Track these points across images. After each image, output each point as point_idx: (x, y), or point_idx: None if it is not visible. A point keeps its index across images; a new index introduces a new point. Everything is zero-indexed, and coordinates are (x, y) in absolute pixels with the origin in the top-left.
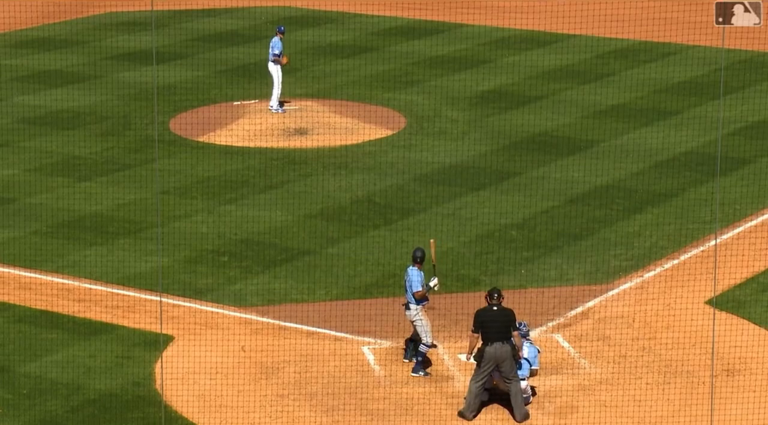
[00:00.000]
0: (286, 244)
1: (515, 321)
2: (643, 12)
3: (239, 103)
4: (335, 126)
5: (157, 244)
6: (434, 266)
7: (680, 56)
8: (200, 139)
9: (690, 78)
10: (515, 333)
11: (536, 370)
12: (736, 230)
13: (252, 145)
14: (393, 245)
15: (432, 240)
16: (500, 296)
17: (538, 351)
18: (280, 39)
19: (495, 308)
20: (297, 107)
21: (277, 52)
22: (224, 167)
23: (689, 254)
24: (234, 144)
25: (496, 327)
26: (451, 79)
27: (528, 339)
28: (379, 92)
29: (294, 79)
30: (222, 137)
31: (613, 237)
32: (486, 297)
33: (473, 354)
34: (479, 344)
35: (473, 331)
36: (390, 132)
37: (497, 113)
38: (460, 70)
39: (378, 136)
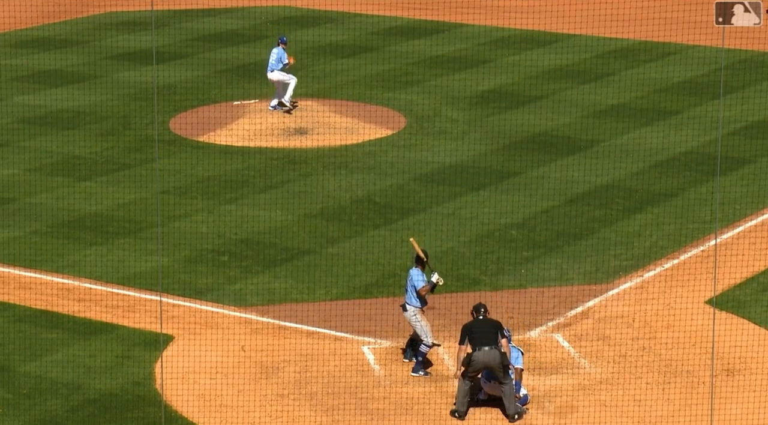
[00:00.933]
0: (286, 244)
1: (503, 329)
2: (643, 12)
3: (239, 103)
4: (335, 126)
5: (157, 244)
6: (426, 261)
7: (680, 56)
8: (200, 139)
9: (690, 78)
10: (503, 340)
11: (521, 369)
12: (736, 230)
13: (252, 145)
14: (393, 245)
15: (411, 239)
16: (486, 310)
17: (522, 353)
18: (284, 49)
19: (481, 318)
20: (296, 107)
21: (286, 61)
22: (224, 167)
23: (689, 254)
24: (234, 144)
25: (483, 333)
26: (451, 79)
27: (510, 343)
28: (379, 92)
29: None
30: (222, 137)
31: (613, 237)
32: (472, 313)
33: (462, 361)
34: (468, 350)
35: (460, 343)
36: (390, 132)
37: (497, 113)
38: (460, 70)
39: (378, 136)
